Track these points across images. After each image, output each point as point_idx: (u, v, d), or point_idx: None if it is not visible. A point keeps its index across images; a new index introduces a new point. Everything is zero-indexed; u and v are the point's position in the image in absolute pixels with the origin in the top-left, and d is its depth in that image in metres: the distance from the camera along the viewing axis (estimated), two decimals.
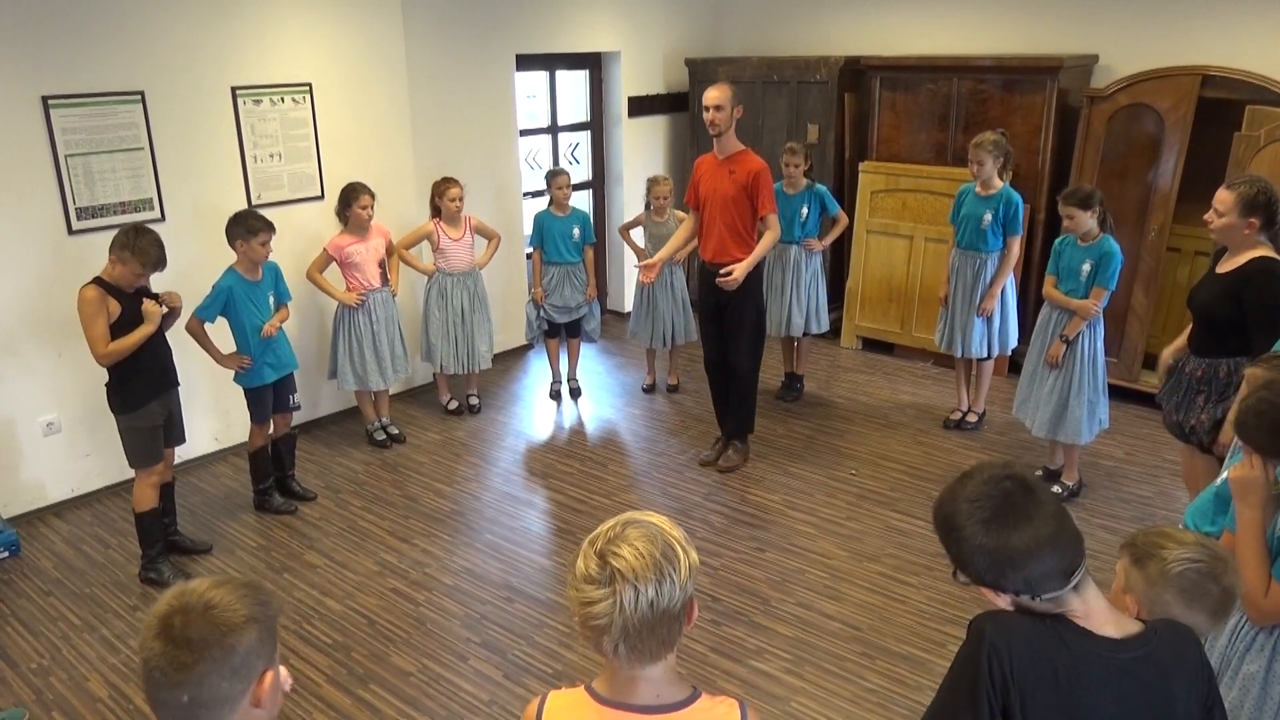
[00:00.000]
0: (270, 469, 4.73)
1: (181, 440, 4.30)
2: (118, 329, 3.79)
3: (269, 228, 4.33)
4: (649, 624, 1.38)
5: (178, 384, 4.15)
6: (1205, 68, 5.27)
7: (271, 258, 4.44)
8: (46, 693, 3.43)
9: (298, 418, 4.86)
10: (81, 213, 4.53)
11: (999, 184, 5.05)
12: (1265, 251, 3.39)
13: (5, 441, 4.53)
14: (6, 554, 4.31)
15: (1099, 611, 1.51)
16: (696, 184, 4.84)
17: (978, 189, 5.11)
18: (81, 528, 4.60)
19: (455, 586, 4.06)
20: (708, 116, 4.61)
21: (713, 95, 4.60)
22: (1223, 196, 3.39)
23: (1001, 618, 1.53)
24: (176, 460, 5.08)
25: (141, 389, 3.93)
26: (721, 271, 4.59)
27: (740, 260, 4.62)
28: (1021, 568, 1.46)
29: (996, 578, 1.49)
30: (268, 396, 4.56)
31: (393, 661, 3.57)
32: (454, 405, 5.89)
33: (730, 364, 4.95)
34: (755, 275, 4.76)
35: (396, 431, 5.53)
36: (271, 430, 4.67)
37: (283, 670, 1.40)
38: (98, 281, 3.78)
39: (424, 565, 4.22)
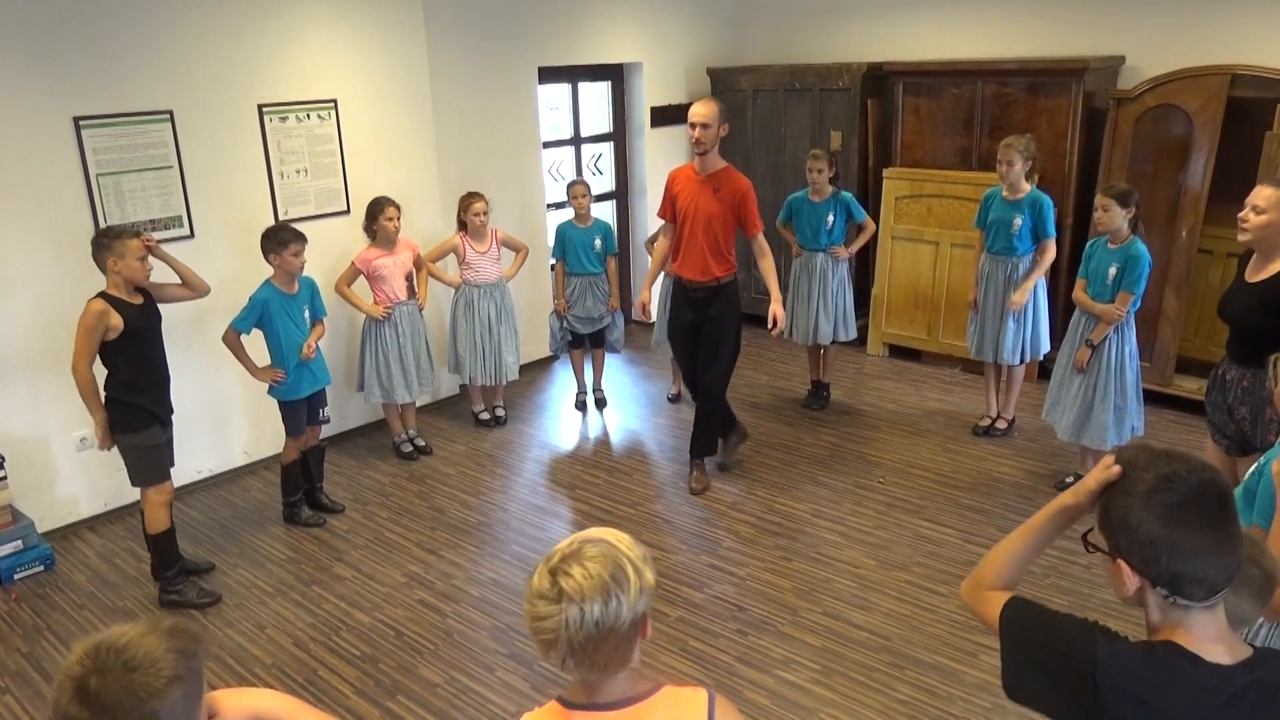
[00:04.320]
0: (301, 482, 4.76)
1: (171, 463, 4.13)
2: (123, 340, 3.76)
3: (300, 238, 4.39)
4: (594, 641, 1.42)
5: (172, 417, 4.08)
6: (1234, 67, 5.20)
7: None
8: None
9: (325, 430, 4.89)
10: None
11: (1027, 187, 4.99)
12: None
13: (40, 456, 4.60)
14: (41, 567, 4.37)
15: (1213, 635, 1.43)
16: (673, 198, 4.65)
17: (1005, 193, 5.06)
18: (114, 541, 4.66)
19: (482, 598, 4.07)
20: (694, 134, 4.42)
21: (700, 112, 4.39)
22: (1266, 193, 3.21)
23: (1117, 644, 1.44)
24: (206, 473, 5.19)
25: (142, 413, 3.87)
26: (775, 331, 4.57)
27: (720, 279, 4.60)
28: (1176, 562, 1.38)
29: (1144, 560, 1.40)
30: (302, 410, 4.60)
31: (420, 673, 3.58)
32: (486, 415, 5.92)
33: (704, 383, 4.80)
34: (735, 293, 4.72)
35: (423, 443, 5.55)
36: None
37: None
38: (104, 296, 3.75)
39: (451, 577, 4.24)
